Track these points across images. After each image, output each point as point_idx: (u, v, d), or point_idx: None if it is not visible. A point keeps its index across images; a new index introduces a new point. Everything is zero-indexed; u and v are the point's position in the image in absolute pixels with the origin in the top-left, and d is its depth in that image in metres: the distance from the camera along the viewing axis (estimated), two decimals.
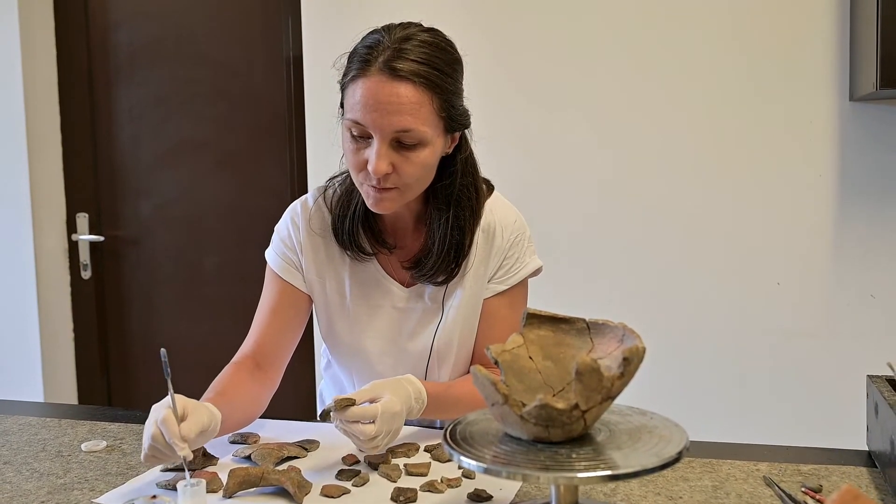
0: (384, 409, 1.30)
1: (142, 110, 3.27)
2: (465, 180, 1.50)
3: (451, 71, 1.40)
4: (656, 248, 2.62)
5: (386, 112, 1.33)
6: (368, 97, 1.34)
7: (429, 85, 1.35)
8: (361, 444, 1.30)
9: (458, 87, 1.43)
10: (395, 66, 1.33)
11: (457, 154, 1.49)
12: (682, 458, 0.96)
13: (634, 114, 2.61)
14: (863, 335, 2.50)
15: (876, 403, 1.33)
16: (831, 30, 2.45)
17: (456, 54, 1.42)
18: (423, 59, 1.35)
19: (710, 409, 2.60)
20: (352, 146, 1.39)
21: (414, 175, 1.40)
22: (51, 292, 3.31)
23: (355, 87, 1.36)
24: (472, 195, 1.51)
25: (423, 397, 1.40)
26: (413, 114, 1.34)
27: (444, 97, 1.38)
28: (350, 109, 1.37)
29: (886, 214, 2.47)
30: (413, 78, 1.34)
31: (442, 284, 1.53)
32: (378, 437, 1.29)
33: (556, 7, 2.64)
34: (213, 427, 1.31)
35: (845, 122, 2.47)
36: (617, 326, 1.06)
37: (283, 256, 1.58)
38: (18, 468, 1.41)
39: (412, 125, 1.35)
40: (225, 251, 3.23)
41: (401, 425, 1.34)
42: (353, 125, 1.37)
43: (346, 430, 1.30)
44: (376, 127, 1.34)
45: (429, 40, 1.38)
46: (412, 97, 1.34)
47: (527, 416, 0.95)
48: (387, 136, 1.35)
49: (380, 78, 1.34)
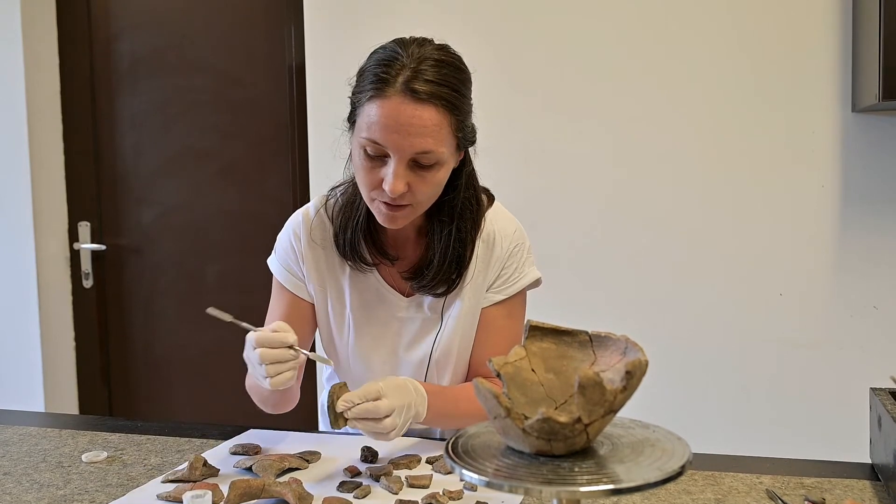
0: (386, 383, 1.34)
1: (144, 119, 3.27)
2: (468, 193, 1.52)
3: (466, 91, 1.41)
4: (659, 258, 2.61)
5: (407, 134, 1.34)
6: (389, 118, 1.34)
7: (448, 107, 1.36)
8: (378, 428, 1.32)
9: (470, 106, 1.45)
10: (416, 88, 1.33)
11: (462, 168, 1.50)
12: (684, 472, 0.95)
13: (637, 123, 2.61)
14: (865, 346, 2.49)
15: (879, 416, 1.33)
16: (834, 42, 2.46)
17: (468, 72, 1.43)
18: (441, 80, 1.35)
19: (712, 419, 2.59)
20: (366, 164, 1.39)
21: (428, 193, 1.42)
22: (52, 301, 3.31)
23: (372, 105, 1.36)
24: (474, 208, 1.53)
25: (419, 387, 1.41)
26: (433, 136, 1.35)
27: (460, 117, 1.39)
28: (367, 129, 1.36)
29: (889, 225, 2.46)
30: (434, 101, 1.34)
31: (442, 296, 1.54)
32: (394, 415, 1.31)
33: (561, 19, 2.64)
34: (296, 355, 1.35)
35: (848, 133, 2.47)
36: (620, 339, 1.06)
37: (288, 268, 1.59)
38: (18, 479, 1.40)
39: (433, 147, 1.36)
40: (227, 260, 3.23)
41: (411, 400, 1.36)
42: (370, 144, 1.37)
43: (359, 423, 1.32)
44: (397, 148, 1.35)
45: (445, 59, 1.38)
46: (434, 120, 1.35)
47: (529, 429, 0.95)
48: (405, 157, 1.36)
49: (401, 99, 1.34)
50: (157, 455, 1.51)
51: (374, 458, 1.44)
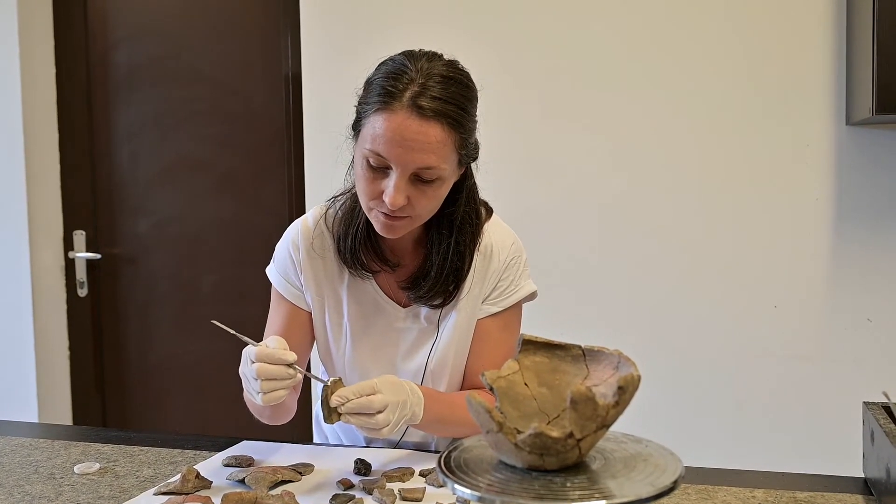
0: (381, 380, 1.35)
1: (140, 128, 3.27)
2: (468, 207, 1.53)
3: (471, 108, 1.42)
4: (653, 271, 2.62)
5: (411, 149, 1.34)
6: (394, 133, 1.34)
7: (453, 125, 1.36)
8: (371, 423, 1.31)
9: (475, 123, 1.45)
10: (422, 105, 1.33)
11: (463, 182, 1.50)
12: (677, 487, 0.95)
13: (632, 135, 2.61)
14: (860, 359, 2.49)
15: (872, 431, 1.33)
16: (829, 57, 2.47)
17: (474, 89, 1.43)
18: (448, 97, 1.35)
19: (706, 432, 2.59)
20: (367, 174, 1.39)
21: (428, 207, 1.43)
22: (47, 310, 3.31)
23: (378, 118, 1.36)
24: (473, 221, 1.54)
25: (416, 388, 1.41)
26: (437, 152, 1.36)
27: (464, 135, 1.40)
28: (371, 140, 1.36)
29: (883, 238, 2.47)
30: (440, 118, 1.34)
31: (438, 307, 1.54)
32: (387, 411, 1.31)
33: (563, 29, 2.64)
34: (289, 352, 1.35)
35: (842, 147, 2.48)
36: (612, 354, 1.06)
37: (286, 277, 1.60)
38: (10, 491, 1.40)
39: (435, 163, 1.36)
40: (223, 270, 3.23)
41: (406, 398, 1.36)
42: (373, 156, 1.37)
43: (353, 417, 1.32)
44: (399, 162, 1.35)
45: (453, 76, 1.38)
46: (438, 137, 1.35)
47: (521, 444, 0.95)
48: (408, 172, 1.36)
49: (407, 114, 1.33)
50: (149, 467, 1.51)
51: (367, 471, 1.43)
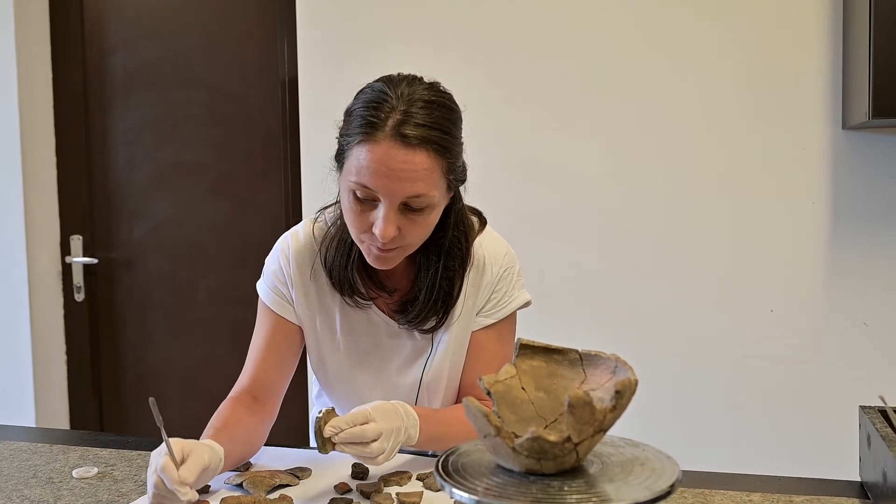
0: (374, 408, 1.32)
1: (137, 133, 3.27)
2: (456, 231, 1.50)
3: (456, 132, 1.39)
4: (650, 274, 2.62)
5: (398, 179, 1.31)
6: (379, 164, 1.31)
7: (439, 150, 1.33)
8: (365, 452, 1.30)
9: (461, 146, 1.42)
10: (407, 133, 1.30)
11: (451, 206, 1.48)
12: (674, 491, 0.96)
13: (629, 140, 2.62)
14: (856, 363, 2.50)
15: (868, 435, 1.33)
16: (825, 61, 2.47)
17: (458, 111, 1.40)
18: (432, 123, 1.32)
19: (702, 436, 2.60)
20: (355, 207, 1.37)
21: (419, 236, 1.40)
22: (44, 315, 3.30)
23: (362, 149, 1.32)
24: (462, 246, 1.51)
25: (410, 410, 1.40)
26: (424, 180, 1.32)
27: (451, 159, 1.37)
28: (356, 172, 1.33)
29: (879, 242, 2.48)
30: (426, 146, 1.31)
31: (429, 332, 1.53)
32: (381, 439, 1.30)
33: (560, 34, 2.65)
34: (216, 464, 1.30)
35: (838, 151, 2.48)
36: (609, 358, 1.06)
37: (275, 290, 1.58)
38: (9, 495, 1.40)
39: (424, 191, 1.33)
40: (219, 274, 3.23)
41: (400, 424, 1.34)
42: (360, 188, 1.34)
43: (347, 447, 1.30)
44: (387, 193, 1.32)
45: (435, 100, 1.35)
46: (425, 164, 1.32)
47: (519, 448, 0.95)
48: (396, 202, 1.33)
49: (391, 144, 1.30)
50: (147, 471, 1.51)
51: (364, 475, 1.44)
